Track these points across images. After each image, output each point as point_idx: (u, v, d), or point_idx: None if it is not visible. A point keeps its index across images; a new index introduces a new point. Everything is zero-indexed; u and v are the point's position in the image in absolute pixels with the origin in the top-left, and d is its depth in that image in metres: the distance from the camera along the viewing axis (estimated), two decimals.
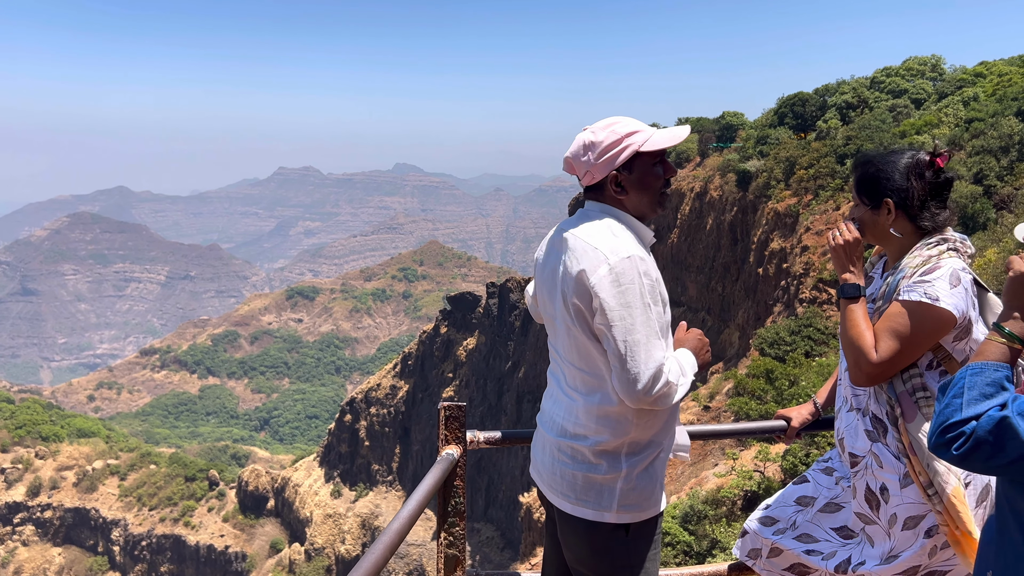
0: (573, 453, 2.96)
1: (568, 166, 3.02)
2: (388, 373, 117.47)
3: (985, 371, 2.00)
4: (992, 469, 1.90)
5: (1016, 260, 2.13)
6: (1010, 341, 2.08)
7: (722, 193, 61.34)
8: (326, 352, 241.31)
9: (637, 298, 2.74)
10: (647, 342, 2.73)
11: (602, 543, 2.96)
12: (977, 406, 1.92)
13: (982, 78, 51.21)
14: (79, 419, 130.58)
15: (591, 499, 2.93)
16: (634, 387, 2.72)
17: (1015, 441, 1.81)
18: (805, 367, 28.48)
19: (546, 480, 3.09)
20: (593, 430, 2.91)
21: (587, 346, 2.87)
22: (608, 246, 2.80)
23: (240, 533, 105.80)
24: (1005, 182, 34.83)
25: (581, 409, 2.94)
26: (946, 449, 1.94)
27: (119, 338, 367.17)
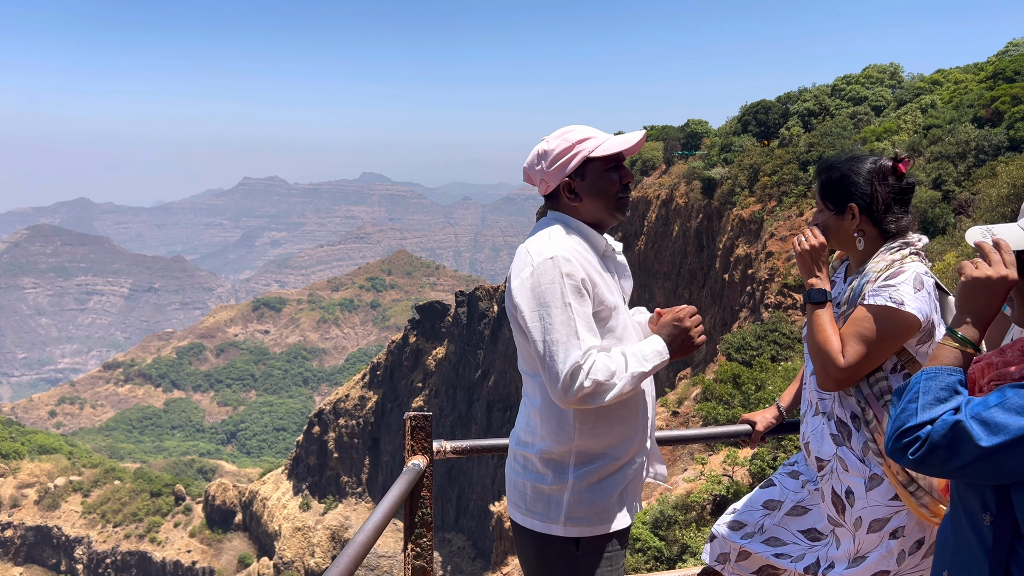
0: (524, 461, 2.95)
1: (526, 176, 3.04)
2: (357, 384, 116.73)
3: (939, 376, 2.04)
4: (948, 472, 1.93)
5: (967, 265, 2.15)
6: (963, 345, 2.11)
7: (688, 200, 61.91)
8: (293, 363, 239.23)
9: (557, 297, 2.71)
10: (566, 341, 2.68)
11: (550, 556, 2.90)
12: (932, 410, 1.96)
13: (939, 86, 52.29)
14: (40, 435, 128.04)
15: (539, 510, 2.89)
16: (555, 387, 2.68)
17: (969, 444, 1.85)
18: (771, 371, 28.75)
19: (508, 490, 3.09)
20: (539, 436, 2.88)
21: (528, 350, 2.87)
22: (536, 249, 2.81)
23: (207, 548, 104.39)
24: (963, 187, 35.53)
25: (529, 415, 2.96)
26: (903, 454, 1.97)
27: (81, 352, 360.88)
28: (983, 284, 2.12)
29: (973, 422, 1.86)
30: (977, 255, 2.19)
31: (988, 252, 2.13)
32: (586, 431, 2.83)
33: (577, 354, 2.67)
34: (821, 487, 3.09)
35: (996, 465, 1.84)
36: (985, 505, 1.96)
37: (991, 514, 1.94)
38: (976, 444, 1.84)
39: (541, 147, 2.97)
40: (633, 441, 2.95)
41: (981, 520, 1.97)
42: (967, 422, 1.87)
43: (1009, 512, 1.90)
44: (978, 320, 2.14)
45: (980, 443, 1.84)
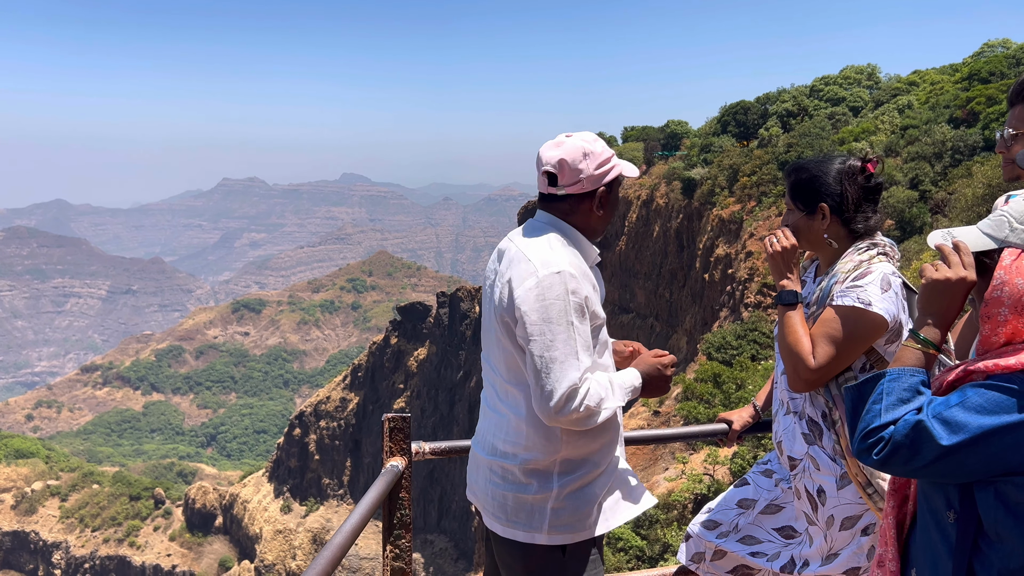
0: (504, 472, 2.89)
1: (561, 168, 2.86)
2: (338, 385, 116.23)
3: (902, 377, 2.08)
4: (912, 472, 1.98)
5: (928, 268, 2.19)
6: (925, 347, 2.15)
7: (668, 201, 62.16)
8: (274, 365, 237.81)
9: (561, 315, 2.69)
10: (564, 360, 2.67)
11: (536, 565, 2.89)
12: (894, 411, 2.00)
13: (916, 86, 52.85)
14: (16, 439, 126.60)
15: (522, 520, 2.86)
16: (547, 404, 2.67)
17: (930, 444, 1.89)
18: (751, 370, 28.94)
19: (481, 501, 3.02)
20: (523, 447, 2.84)
21: (516, 359, 2.82)
22: (540, 258, 2.77)
23: (188, 552, 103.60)
24: (939, 187, 35.92)
25: (511, 425, 2.88)
26: (867, 454, 2.01)
27: (59, 355, 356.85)
28: (943, 286, 2.14)
29: (934, 421, 1.90)
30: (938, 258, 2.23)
31: (948, 254, 2.16)
32: (572, 441, 2.83)
33: (575, 375, 2.68)
34: (794, 485, 3.13)
35: (957, 464, 1.88)
36: (949, 503, 1.98)
37: (955, 512, 1.97)
38: (937, 443, 1.87)
39: (585, 146, 2.87)
40: (613, 446, 2.97)
41: (945, 518, 1.99)
42: (928, 422, 1.90)
43: (972, 510, 1.93)
44: (939, 321, 2.17)
45: (941, 442, 1.87)
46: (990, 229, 2.12)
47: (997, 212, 2.13)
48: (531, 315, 2.70)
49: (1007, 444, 1.83)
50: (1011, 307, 1.95)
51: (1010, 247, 2.02)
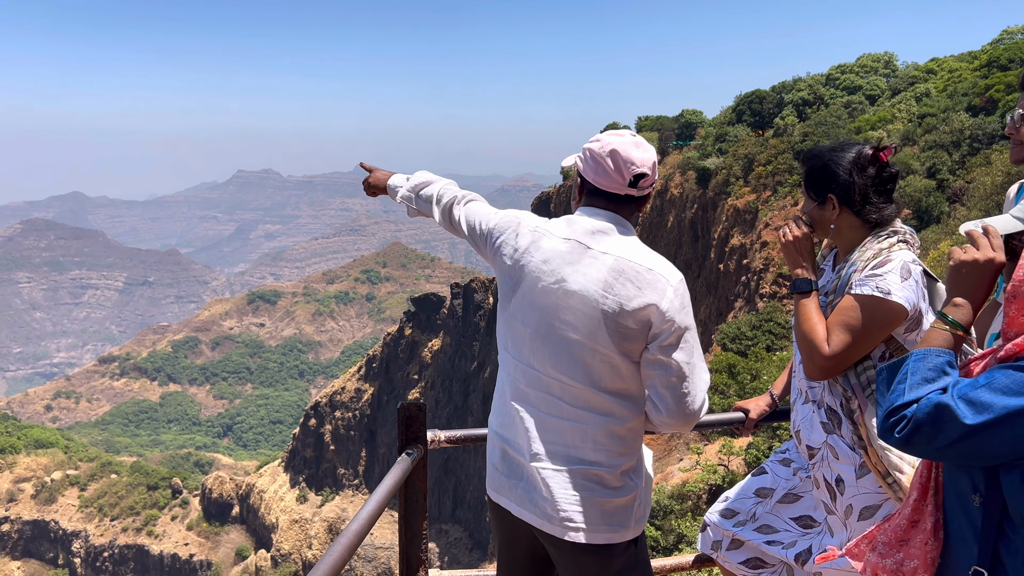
0: (599, 480, 2.82)
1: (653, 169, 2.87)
2: (353, 376, 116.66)
3: (928, 357, 2.06)
4: (934, 451, 1.94)
5: (956, 250, 2.19)
6: (953, 328, 2.14)
7: (682, 191, 61.89)
8: (289, 356, 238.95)
9: (693, 319, 2.76)
10: (701, 363, 2.77)
11: (623, 562, 2.91)
12: (918, 390, 1.98)
13: (933, 74, 52.27)
14: (36, 429, 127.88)
15: (617, 522, 2.85)
16: (691, 408, 2.74)
17: (954, 423, 1.85)
18: (767, 361, 28.81)
19: (560, 517, 2.84)
20: (616, 452, 2.82)
21: (621, 367, 2.76)
22: (662, 268, 2.76)
23: (205, 541, 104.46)
24: (957, 176, 35.55)
25: (599, 432, 2.80)
26: (890, 433, 1.99)
27: (76, 346, 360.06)
28: (971, 267, 2.15)
29: (959, 401, 1.87)
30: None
31: (976, 238, 2.17)
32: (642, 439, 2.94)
33: (708, 377, 2.80)
34: (813, 475, 3.11)
35: (981, 444, 1.84)
36: (975, 487, 1.96)
37: (980, 496, 1.94)
38: (961, 423, 1.84)
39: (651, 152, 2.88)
40: None
41: (971, 502, 1.97)
42: (952, 401, 1.87)
43: (998, 493, 1.90)
44: (968, 303, 2.17)
45: (965, 421, 1.84)
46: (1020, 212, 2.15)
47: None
48: (679, 325, 2.71)
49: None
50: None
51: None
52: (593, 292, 2.73)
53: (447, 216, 3.28)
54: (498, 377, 3.12)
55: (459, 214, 3.23)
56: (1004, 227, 2.16)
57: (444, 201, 3.29)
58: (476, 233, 3.15)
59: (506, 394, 3.01)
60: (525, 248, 2.91)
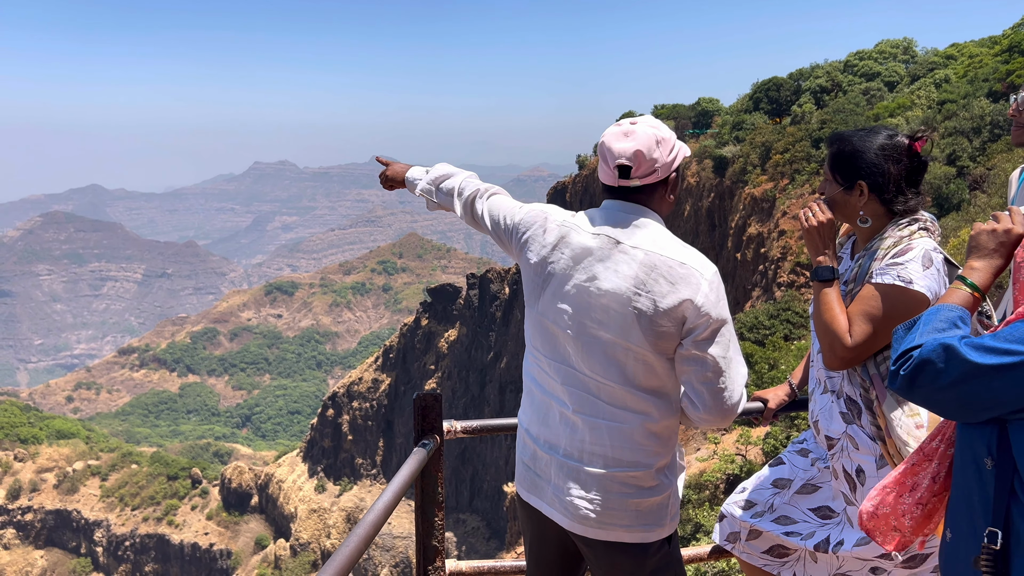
0: (636, 481, 2.77)
1: (638, 160, 2.72)
2: (370, 367, 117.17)
3: (941, 311, 2.13)
4: (936, 393, 1.95)
5: (977, 224, 2.35)
6: (971, 289, 2.26)
7: (699, 179, 61.57)
8: (306, 347, 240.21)
9: (728, 313, 2.69)
10: (737, 357, 2.70)
11: (657, 560, 2.88)
12: (927, 337, 2.02)
13: (953, 60, 51.66)
14: (58, 420, 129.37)
15: (652, 521, 2.81)
16: (728, 403, 2.68)
17: (957, 360, 1.89)
18: (784, 350, 28.67)
19: (595, 518, 2.81)
20: (652, 452, 2.78)
21: (655, 365, 2.71)
22: (695, 261, 2.69)
23: (224, 530, 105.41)
24: (978, 163, 35.16)
25: (636, 432, 2.75)
26: (896, 377, 2.02)
27: (96, 338, 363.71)
28: (990, 235, 2.30)
29: (965, 344, 1.91)
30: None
31: (999, 215, 2.32)
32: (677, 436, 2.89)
33: (745, 371, 2.74)
34: (832, 465, 3.08)
35: (984, 385, 1.86)
36: (988, 449, 1.96)
37: (993, 459, 1.95)
38: (965, 359, 1.88)
39: (656, 133, 2.75)
40: None
41: (984, 465, 1.98)
42: (957, 342, 1.92)
43: (1008, 454, 1.92)
44: (986, 267, 2.29)
45: (969, 358, 1.87)
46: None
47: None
48: (715, 318, 2.64)
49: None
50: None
51: None
52: (625, 290, 2.66)
53: (469, 210, 3.21)
54: (525, 374, 3.05)
55: (482, 208, 3.16)
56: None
57: (466, 194, 3.23)
58: (500, 228, 3.07)
59: (535, 392, 2.96)
60: (554, 244, 2.84)
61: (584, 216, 2.86)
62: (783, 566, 3.23)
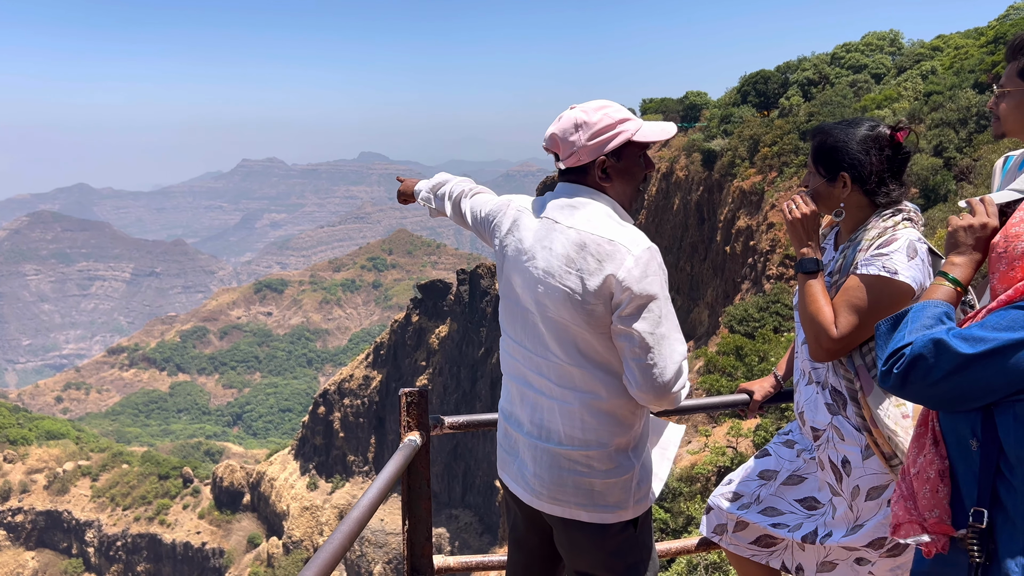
0: (587, 460, 2.79)
1: (553, 143, 2.82)
2: (360, 364, 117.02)
3: (927, 307, 2.16)
4: (930, 388, 1.99)
5: (954, 217, 2.36)
6: (952, 284, 2.28)
7: (688, 173, 61.69)
8: (297, 345, 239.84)
9: (661, 289, 2.63)
10: (670, 335, 2.63)
11: (619, 542, 2.88)
12: (916, 335, 2.06)
13: (939, 52, 51.88)
14: (47, 421, 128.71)
15: (610, 502, 2.81)
16: (658, 380, 2.61)
17: (948, 354, 1.93)
18: (774, 342, 28.81)
19: (549, 493, 2.87)
20: (606, 431, 2.77)
21: (594, 342, 2.71)
22: (625, 237, 2.66)
23: (216, 529, 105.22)
24: (964, 154, 35.37)
25: (586, 410, 2.77)
26: (889, 375, 2.05)
27: (85, 338, 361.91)
28: (967, 230, 2.32)
29: (954, 337, 1.96)
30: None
31: (974, 205, 2.35)
32: (639, 413, 2.84)
33: (683, 349, 2.67)
34: (818, 456, 3.08)
35: (975, 376, 1.91)
36: (973, 432, 2.01)
37: (978, 440, 2.00)
38: (956, 352, 1.92)
39: (579, 117, 2.77)
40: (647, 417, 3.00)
41: (969, 447, 2.02)
42: (947, 336, 1.97)
43: (994, 436, 1.97)
44: (965, 262, 2.32)
45: (960, 350, 1.91)
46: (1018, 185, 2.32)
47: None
48: (638, 293, 2.60)
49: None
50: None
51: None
52: (558, 268, 2.71)
53: (457, 210, 3.32)
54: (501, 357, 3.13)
55: (465, 206, 3.27)
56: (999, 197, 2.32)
57: (454, 195, 3.34)
58: (478, 221, 3.17)
59: (506, 373, 3.06)
60: (507, 229, 2.95)
61: (538, 200, 2.94)
62: (771, 555, 3.24)
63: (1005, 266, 2.08)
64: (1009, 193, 2.34)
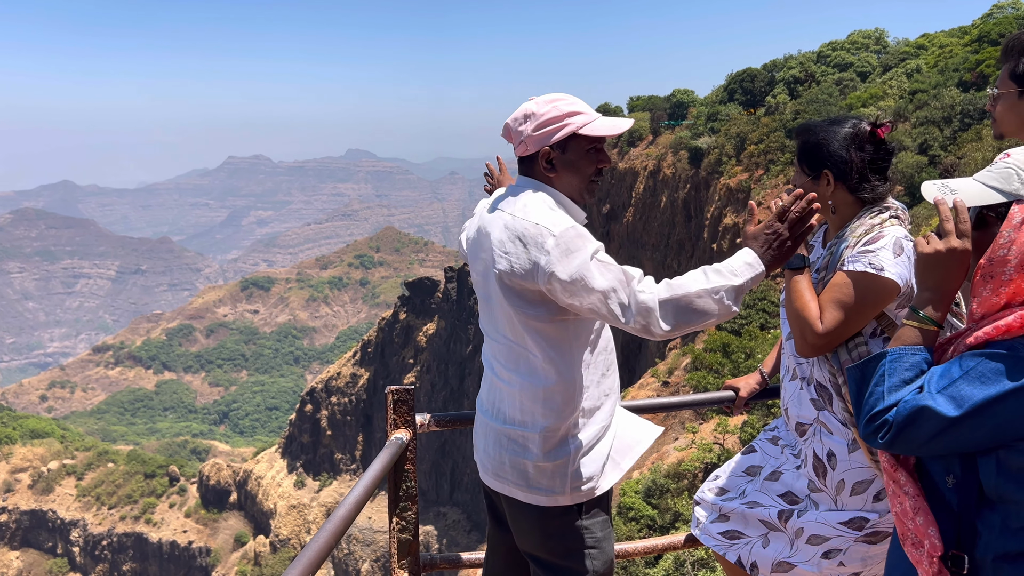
0: (523, 441, 2.87)
1: (506, 132, 2.92)
2: (348, 361, 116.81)
3: (903, 356, 2.03)
4: (919, 449, 1.95)
5: (920, 241, 2.12)
6: (925, 324, 2.09)
7: (675, 171, 61.82)
8: (284, 343, 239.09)
9: (586, 259, 2.62)
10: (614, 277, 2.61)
11: (557, 527, 2.92)
12: (897, 393, 1.97)
13: (924, 50, 52.21)
14: (32, 420, 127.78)
15: (543, 485, 2.87)
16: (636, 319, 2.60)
17: (934, 418, 1.86)
18: (760, 339, 28.95)
19: (493, 469, 3.01)
20: (540, 414, 2.83)
21: (534, 323, 2.77)
22: (549, 219, 2.70)
23: (203, 528, 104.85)
24: (949, 151, 35.57)
25: (526, 393, 2.85)
26: (874, 438, 1.99)
27: (70, 336, 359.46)
28: (935, 259, 2.08)
29: (937, 397, 1.88)
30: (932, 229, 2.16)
31: (943, 220, 2.06)
32: (581, 401, 2.85)
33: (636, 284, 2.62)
34: (803, 451, 3.09)
35: (962, 435, 1.86)
36: (948, 469, 1.97)
37: (954, 477, 1.96)
38: (941, 416, 1.85)
39: (529, 108, 2.84)
40: (613, 399, 3.02)
41: (944, 483, 1.98)
42: (931, 400, 1.88)
43: (973, 475, 1.92)
44: (938, 296, 2.10)
45: (945, 413, 1.85)
46: (995, 182, 2.02)
47: (1002, 164, 2.04)
48: (563, 271, 2.62)
49: (1013, 411, 1.80)
50: (1018, 265, 1.88)
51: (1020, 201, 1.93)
52: (494, 253, 2.81)
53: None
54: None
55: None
56: (978, 198, 2.03)
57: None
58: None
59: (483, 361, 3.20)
60: (468, 225, 3.14)
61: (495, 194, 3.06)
62: (730, 547, 3.25)
63: (990, 292, 1.93)
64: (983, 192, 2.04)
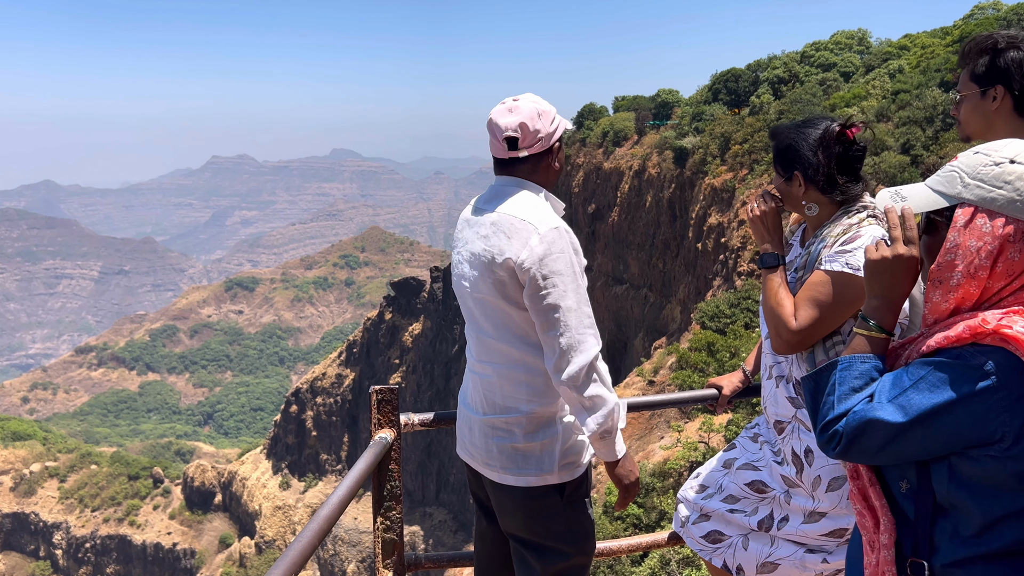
0: (507, 426, 3.00)
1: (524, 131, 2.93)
2: (333, 362, 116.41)
3: (853, 365, 2.02)
4: (873, 458, 1.96)
5: (869, 248, 2.10)
6: (875, 332, 2.08)
7: (660, 170, 61.95)
8: (269, 343, 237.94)
9: (568, 266, 2.79)
10: (579, 308, 2.80)
11: (540, 508, 3.03)
12: (847, 401, 1.97)
13: (906, 51, 52.53)
14: (13, 422, 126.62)
15: (532, 466, 2.98)
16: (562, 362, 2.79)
17: (884, 428, 1.87)
18: (745, 338, 29.03)
19: (480, 458, 3.12)
20: (525, 399, 2.96)
21: (514, 315, 2.90)
22: (535, 217, 2.85)
23: (188, 530, 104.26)
24: (931, 151, 35.83)
25: (505, 381, 2.98)
26: (827, 448, 1.99)
27: (52, 337, 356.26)
28: (883, 266, 2.06)
29: (886, 407, 1.88)
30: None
31: (892, 227, 2.04)
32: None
33: (592, 343, 2.82)
34: (781, 448, 3.12)
35: (912, 442, 1.87)
36: (902, 474, 1.98)
37: (908, 482, 1.96)
38: (889, 425, 1.86)
39: (534, 107, 2.96)
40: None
41: (898, 488, 1.99)
42: (880, 410, 1.88)
43: (927, 482, 1.92)
44: (887, 303, 2.08)
45: (893, 421, 1.85)
46: (940, 186, 2.00)
47: (947, 167, 2.01)
48: (541, 270, 2.78)
49: (961, 419, 1.81)
50: (964, 270, 1.88)
51: (963, 204, 1.93)
52: (478, 249, 2.94)
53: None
54: None
55: None
56: (925, 204, 2.02)
57: None
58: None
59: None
60: (456, 226, 3.25)
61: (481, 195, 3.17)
62: (714, 552, 3.28)
63: (939, 297, 1.94)
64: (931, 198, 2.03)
